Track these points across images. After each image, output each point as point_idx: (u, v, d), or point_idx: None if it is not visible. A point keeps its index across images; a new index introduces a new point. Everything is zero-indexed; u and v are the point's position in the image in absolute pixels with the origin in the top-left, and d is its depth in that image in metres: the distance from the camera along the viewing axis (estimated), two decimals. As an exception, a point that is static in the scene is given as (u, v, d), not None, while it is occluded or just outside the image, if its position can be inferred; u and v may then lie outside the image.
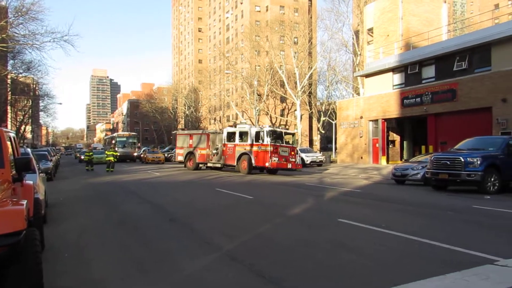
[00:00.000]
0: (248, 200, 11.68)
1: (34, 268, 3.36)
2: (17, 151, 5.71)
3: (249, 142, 22.57)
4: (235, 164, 23.41)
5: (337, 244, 6.27)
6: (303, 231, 7.32)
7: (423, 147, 27.44)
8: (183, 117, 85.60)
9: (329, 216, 8.97)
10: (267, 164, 21.40)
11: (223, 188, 14.86)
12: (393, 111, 28.03)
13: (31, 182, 5.84)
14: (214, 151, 25.29)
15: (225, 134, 24.71)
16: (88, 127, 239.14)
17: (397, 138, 32.10)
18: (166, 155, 44.56)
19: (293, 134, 24.11)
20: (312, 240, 6.59)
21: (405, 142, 31.89)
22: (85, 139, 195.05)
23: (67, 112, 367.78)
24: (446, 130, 24.44)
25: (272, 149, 21.17)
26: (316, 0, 78.22)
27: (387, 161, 29.64)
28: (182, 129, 38.09)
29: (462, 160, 12.70)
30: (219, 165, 25.23)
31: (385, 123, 29.66)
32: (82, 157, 44.04)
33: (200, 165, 27.08)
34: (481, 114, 22.04)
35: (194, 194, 13.82)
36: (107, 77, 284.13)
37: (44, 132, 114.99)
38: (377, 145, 29.89)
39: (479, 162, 12.46)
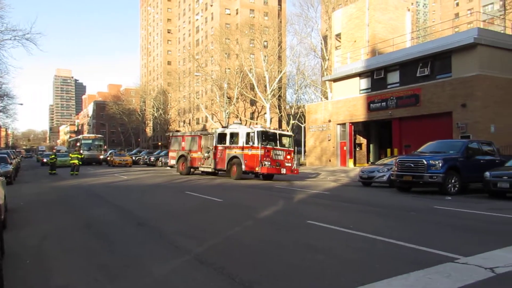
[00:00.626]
0: (218, 203, 11.63)
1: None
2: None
3: (239, 144, 20.36)
4: (225, 168, 21.30)
5: (306, 246, 6.34)
6: (272, 233, 7.37)
7: (388, 150, 28.25)
8: (152, 119, 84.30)
9: (298, 218, 9.07)
10: (257, 169, 19.47)
11: (193, 191, 14.73)
12: (360, 115, 28.71)
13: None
14: (206, 154, 23.07)
15: (216, 136, 22.46)
16: (51, 129, 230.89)
17: (363, 141, 32.88)
18: (134, 158, 43.68)
19: (290, 136, 21.85)
20: (281, 242, 6.65)
21: (371, 145, 32.71)
22: (47, 141, 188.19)
23: (29, 113, 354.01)
24: (410, 133, 25.27)
25: (263, 152, 19.12)
26: (286, 5, 79.21)
27: (354, 163, 30.30)
28: (177, 131, 36.60)
29: (425, 162, 13.18)
30: (210, 170, 23.21)
31: (352, 126, 30.33)
32: (45, 160, 42.56)
33: (192, 170, 25.13)
34: (443, 119, 22.95)
35: (163, 197, 13.62)
36: (72, 77, 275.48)
37: (3, 134, 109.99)
38: (344, 148, 30.51)
39: (440, 165, 12.97)
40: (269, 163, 19.38)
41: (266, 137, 19.95)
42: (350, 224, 7.83)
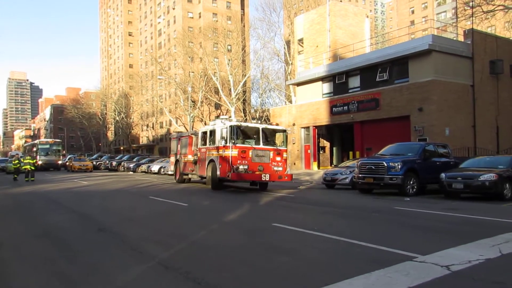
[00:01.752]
0: (183, 207, 11.50)
1: None
2: None
3: (216, 144, 16.53)
4: (205, 174, 17.53)
5: (272, 248, 6.40)
6: (238, 236, 7.38)
7: (350, 153, 28.96)
8: (113, 123, 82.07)
9: (263, 220, 9.13)
10: (228, 175, 15.22)
11: (157, 196, 14.47)
12: (323, 119, 29.29)
13: None
14: (196, 158, 19.30)
15: (200, 135, 18.69)
16: (4, 133, 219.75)
17: (327, 144, 33.54)
18: (94, 163, 42.35)
19: (281, 132, 16.91)
20: (247, 245, 6.67)
21: (334, 148, 33.42)
22: (1, 146, 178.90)
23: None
24: (371, 136, 26.04)
25: (235, 153, 14.96)
26: (249, 9, 79.77)
27: (318, 166, 30.84)
28: (178, 132, 31.26)
29: (385, 164, 13.63)
30: (196, 177, 20.32)
31: (316, 130, 30.88)
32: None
33: (185, 177, 21.60)
34: (401, 122, 23.82)
35: (125, 203, 13.29)
36: (27, 80, 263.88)
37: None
38: (308, 151, 31.00)
39: (399, 167, 13.46)
40: (246, 167, 15.15)
41: (244, 133, 15.81)
42: (315, 226, 7.97)
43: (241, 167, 15.11)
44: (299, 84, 33.56)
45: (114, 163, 41.81)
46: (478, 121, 24.14)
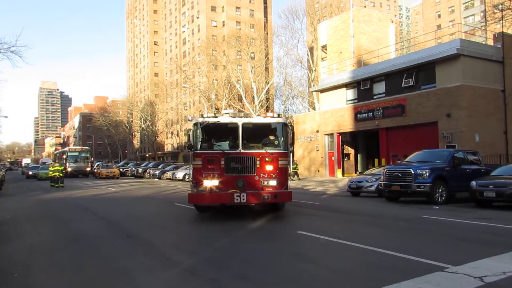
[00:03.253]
0: (207, 214, 11.56)
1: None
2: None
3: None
4: None
5: (297, 256, 6.35)
6: (263, 244, 7.36)
7: (376, 160, 28.49)
8: (139, 131, 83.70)
9: (288, 228, 9.08)
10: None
11: (182, 203, 14.60)
12: (348, 125, 28.98)
13: (-24, 200, 5.46)
14: None
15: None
16: (36, 141, 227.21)
17: (351, 151, 33.13)
18: (121, 169, 43.20)
19: (280, 124, 10.57)
20: (272, 253, 6.64)
21: (359, 155, 32.97)
22: (32, 154, 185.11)
23: (13, 125, 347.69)
24: (397, 143, 25.56)
25: (199, 163, 10.03)
26: (272, 17, 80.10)
27: (343, 173, 30.47)
28: None
29: (412, 172, 13.33)
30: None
31: (340, 137, 30.58)
32: (30, 173, 41.83)
33: None
34: (428, 128, 23.29)
35: (152, 209, 13.49)
36: (57, 89, 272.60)
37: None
38: (333, 158, 30.70)
39: (427, 174, 13.13)
40: (216, 183, 9.77)
41: (215, 133, 10.65)
42: (340, 234, 7.87)
43: (207, 182, 9.76)
44: (322, 90, 33.37)
45: (140, 170, 42.53)
46: (510, 127, 23.33)
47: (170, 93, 73.35)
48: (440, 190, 13.32)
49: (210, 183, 9.78)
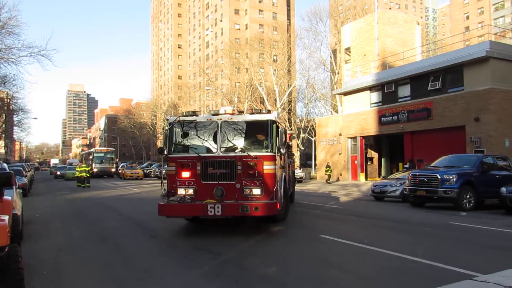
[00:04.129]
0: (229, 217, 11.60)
1: (17, 284, 3.26)
2: (-5, 166, 5.46)
3: None
4: None
5: (320, 260, 6.31)
6: (286, 247, 7.34)
7: (400, 164, 27.98)
8: (162, 133, 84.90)
9: (311, 232, 9.02)
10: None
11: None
12: (371, 129, 28.60)
13: (9, 198, 5.69)
14: None
15: None
16: (63, 142, 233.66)
17: (375, 155, 32.66)
18: (145, 171, 43.92)
19: (267, 123, 8.82)
20: (295, 256, 6.62)
21: (383, 159, 32.47)
22: (60, 154, 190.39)
23: (42, 127, 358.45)
24: (422, 147, 25.04)
25: (173, 169, 8.78)
26: (295, 20, 79.96)
27: (366, 178, 30.06)
28: None
29: (439, 177, 13.02)
30: None
31: (363, 140, 30.19)
32: (59, 172, 43.02)
33: None
34: (455, 133, 22.73)
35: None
36: (84, 92, 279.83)
37: (17, 147, 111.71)
38: (355, 162, 30.33)
39: (455, 179, 12.80)
40: (191, 192, 8.52)
41: (192, 134, 9.18)
42: (364, 239, 7.77)
43: (181, 192, 8.54)
44: (346, 93, 33.06)
45: (163, 172, 43.11)
46: (542, 132, 22.51)
47: (193, 95, 74.18)
48: (467, 196, 12.96)
49: (184, 192, 8.46)
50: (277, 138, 8.74)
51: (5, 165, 11.04)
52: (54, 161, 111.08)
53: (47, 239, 8.30)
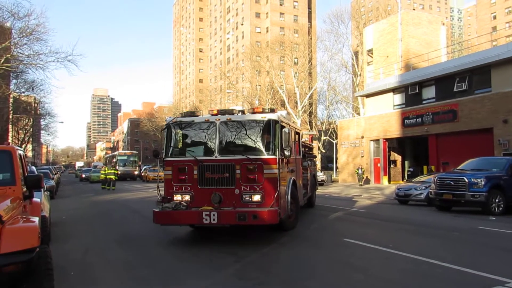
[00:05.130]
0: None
1: (47, 285, 3.33)
2: (26, 169, 5.72)
3: None
4: None
5: (345, 264, 6.21)
6: (309, 250, 7.26)
7: (424, 167, 27.40)
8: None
9: (335, 235, 8.91)
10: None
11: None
12: (394, 131, 28.11)
13: (38, 200, 5.84)
14: None
15: None
16: (88, 145, 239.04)
17: (398, 158, 32.09)
18: (166, 173, 44.36)
19: (271, 123, 8.10)
20: (319, 260, 6.54)
21: (406, 162, 31.86)
22: (85, 157, 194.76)
23: (68, 130, 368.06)
24: (447, 150, 24.45)
25: (169, 173, 8.42)
26: (316, 22, 79.53)
27: (389, 181, 29.54)
28: None
29: (466, 180, 12.67)
30: None
31: (386, 143, 29.70)
32: (84, 175, 44.01)
33: None
34: (482, 135, 22.09)
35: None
36: (108, 96, 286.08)
37: (44, 150, 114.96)
38: (378, 164, 29.87)
39: (483, 183, 12.42)
40: (188, 198, 8.08)
41: (190, 135, 8.74)
42: (389, 243, 7.61)
43: (177, 198, 8.08)
44: (368, 95, 32.65)
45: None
46: None
47: (214, 98, 74.71)
48: (496, 200, 12.56)
49: (180, 198, 8.01)
50: (281, 139, 7.99)
51: (34, 168, 11.36)
52: (79, 164, 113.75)
53: (74, 240, 8.48)
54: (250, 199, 7.69)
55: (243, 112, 8.56)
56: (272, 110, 8.30)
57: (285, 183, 8.38)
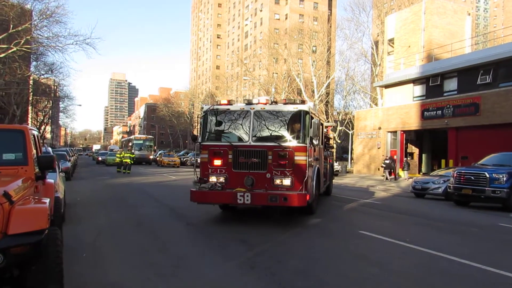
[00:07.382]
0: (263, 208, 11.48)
1: (55, 268, 3.26)
2: (39, 150, 5.68)
3: None
4: None
5: (360, 257, 6.05)
6: (323, 241, 7.12)
7: (443, 161, 26.83)
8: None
9: (349, 227, 8.74)
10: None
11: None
12: (413, 123, 27.53)
13: (52, 181, 5.81)
14: None
15: None
16: (105, 129, 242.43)
17: (415, 150, 31.51)
18: (181, 159, 44.70)
19: (301, 113, 8.69)
20: (333, 251, 6.39)
21: (424, 155, 31.27)
22: (102, 140, 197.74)
23: (86, 113, 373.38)
24: (467, 144, 23.84)
25: (206, 156, 9.00)
26: (336, 10, 78.12)
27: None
28: None
29: (487, 175, 12.29)
30: None
31: (404, 135, 29.15)
32: (100, 158, 44.61)
33: None
34: (506, 130, 21.41)
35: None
36: (126, 80, 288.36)
37: (62, 133, 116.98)
38: (395, 157, 29.37)
39: (505, 179, 12.03)
40: (222, 180, 8.68)
41: (224, 122, 9.17)
42: (406, 237, 7.41)
43: (213, 180, 8.71)
44: (387, 86, 31.99)
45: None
46: None
47: (231, 85, 74.51)
48: (518, 197, 12.16)
49: (216, 179, 8.67)
50: (310, 129, 8.61)
51: (49, 148, 11.44)
52: (96, 147, 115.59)
53: (87, 222, 8.51)
54: (281, 183, 8.33)
55: (275, 102, 9.16)
56: (302, 102, 8.89)
57: (311, 170, 8.88)
